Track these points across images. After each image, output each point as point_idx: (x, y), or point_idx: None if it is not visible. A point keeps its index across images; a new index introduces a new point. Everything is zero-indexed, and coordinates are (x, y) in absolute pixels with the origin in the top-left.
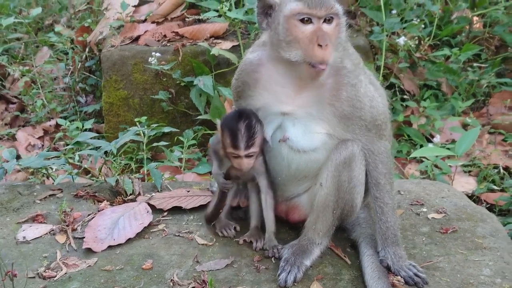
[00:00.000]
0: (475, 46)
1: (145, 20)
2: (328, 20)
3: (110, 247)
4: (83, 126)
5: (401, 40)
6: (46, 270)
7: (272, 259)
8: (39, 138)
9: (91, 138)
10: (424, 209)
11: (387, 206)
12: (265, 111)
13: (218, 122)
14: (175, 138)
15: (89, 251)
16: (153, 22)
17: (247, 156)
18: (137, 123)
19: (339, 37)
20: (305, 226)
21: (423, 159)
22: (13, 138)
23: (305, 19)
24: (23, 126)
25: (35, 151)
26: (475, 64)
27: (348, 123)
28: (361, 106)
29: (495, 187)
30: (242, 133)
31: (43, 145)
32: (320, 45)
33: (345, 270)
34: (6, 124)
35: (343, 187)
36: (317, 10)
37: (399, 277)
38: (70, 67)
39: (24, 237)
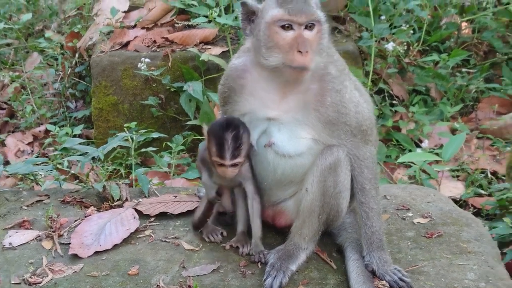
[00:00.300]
0: (464, 52)
1: (135, 26)
2: (309, 26)
3: (96, 253)
4: (72, 132)
5: (390, 46)
6: (32, 276)
7: (258, 264)
8: (29, 144)
9: (78, 144)
10: (410, 214)
11: (372, 211)
12: (251, 116)
13: (205, 128)
14: (164, 143)
15: (75, 257)
16: (143, 28)
17: (232, 165)
18: (127, 129)
19: (321, 43)
20: (291, 231)
21: (411, 164)
22: (2, 144)
23: (286, 25)
24: (13, 131)
25: (24, 157)
26: (463, 70)
27: (333, 128)
28: (346, 112)
29: (482, 192)
30: (229, 143)
31: (32, 151)
32: (300, 52)
33: (331, 275)
34: None
35: (328, 192)
36: (298, 17)
37: (384, 281)
38: (60, 72)
39: (10, 243)
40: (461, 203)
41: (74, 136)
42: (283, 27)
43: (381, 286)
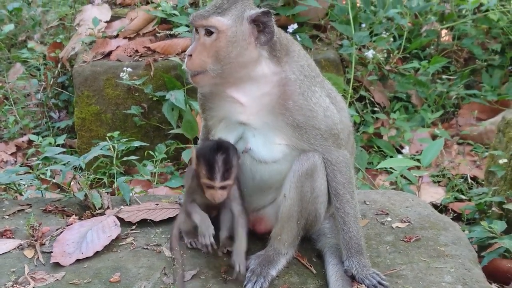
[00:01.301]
0: (444, 59)
1: (117, 36)
2: (208, 32)
3: (78, 260)
4: (55, 142)
5: (370, 53)
6: (14, 285)
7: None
8: (12, 154)
9: (60, 153)
10: (389, 219)
11: (348, 216)
12: (226, 121)
13: (194, 151)
14: (146, 152)
15: (57, 265)
16: (125, 38)
17: (221, 187)
18: (109, 138)
19: (224, 51)
20: (271, 236)
21: (393, 170)
22: None
23: (195, 30)
24: None
25: (7, 167)
26: (444, 76)
27: (302, 132)
28: (313, 115)
29: (463, 197)
30: (219, 165)
31: (15, 161)
32: (189, 55)
33: (311, 279)
34: None
35: (306, 197)
36: (193, 21)
37: (363, 285)
38: (43, 83)
39: None
40: (441, 208)
41: (58, 146)
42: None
43: None
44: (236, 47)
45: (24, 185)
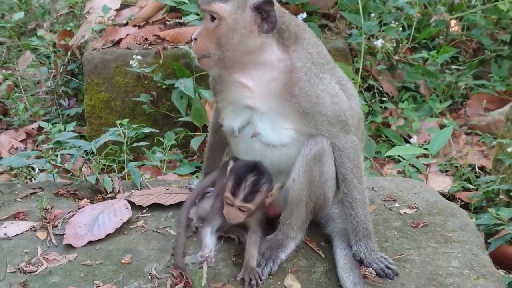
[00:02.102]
0: (453, 49)
1: (126, 24)
2: (212, 18)
3: (90, 242)
4: (65, 129)
5: (379, 43)
6: (27, 265)
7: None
8: (22, 141)
9: (71, 138)
10: (397, 205)
11: (356, 201)
12: (234, 104)
13: (230, 164)
14: (156, 139)
15: (69, 247)
16: (134, 26)
17: (240, 208)
18: (119, 125)
19: (224, 37)
20: (280, 221)
21: (401, 159)
22: None
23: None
24: (6, 129)
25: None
26: (452, 67)
27: (309, 118)
28: (320, 102)
29: (470, 186)
30: (246, 184)
31: (26, 148)
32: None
33: (319, 263)
34: None
35: (314, 181)
36: (200, 5)
37: (371, 269)
38: (53, 70)
39: (5, 234)
40: (448, 197)
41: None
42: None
43: (367, 273)
44: (237, 34)
45: (35, 169)
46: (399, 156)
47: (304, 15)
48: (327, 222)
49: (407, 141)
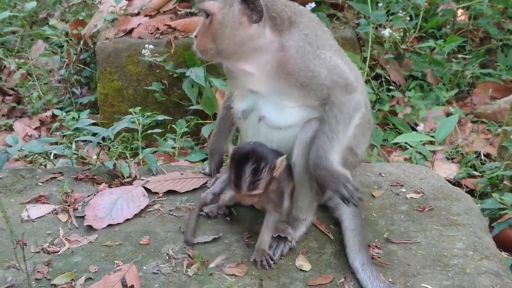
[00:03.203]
0: (460, 38)
1: (138, 14)
2: (206, 15)
3: (109, 225)
4: (79, 117)
5: (387, 32)
6: (50, 246)
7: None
8: (36, 128)
9: (88, 125)
10: (403, 190)
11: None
12: (241, 89)
13: (230, 150)
14: (169, 126)
15: (90, 229)
16: (146, 16)
17: (249, 195)
18: (132, 113)
19: (217, 32)
20: None
21: (407, 147)
22: (10, 128)
23: None
24: (20, 117)
25: (32, 141)
26: (459, 56)
27: (308, 89)
28: (315, 75)
29: (475, 173)
30: (246, 176)
31: (39, 135)
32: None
33: (328, 244)
34: (3, 115)
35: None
36: (196, 4)
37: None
38: (65, 59)
39: (28, 216)
40: (454, 183)
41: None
42: None
43: (375, 254)
44: (227, 28)
45: (50, 155)
46: (406, 143)
47: (313, 5)
48: (336, 206)
49: (414, 129)
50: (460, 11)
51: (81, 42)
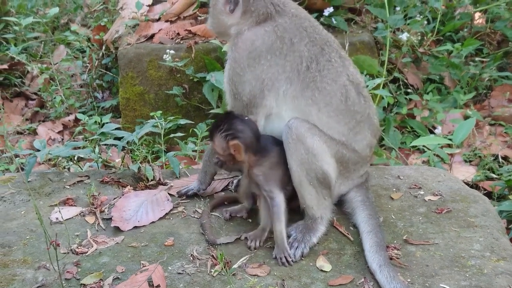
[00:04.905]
0: (477, 41)
1: (159, 19)
2: None
3: (135, 227)
4: (101, 121)
5: (404, 36)
6: (79, 247)
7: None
8: (59, 132)
9: (114, 129)
10: (421, 192)
11: None
12: None
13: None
14: (190, 130)
15: (116, 230)
16: (166, 21)
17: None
18: (155, 117)
19: (211, 15)
20: (301, 207)
21: (425, 150)
22: (34, 132)
23: None
24: (43, 121)
25: (55, 145)
26: (477, 59)
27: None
28: (225, 75)
29: (493, 175)
30: (217, 125)
31: (62, 139)
32: None
33: (348, 246)
34: (26, 120)
35: (304, 160)
36: None
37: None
38: (87, 64)
39: (57, 218)
40: (472, 185)
41: (103, 125)
42: None
43: (394, 254)
44: (215, 12)
45: (73, 159)
46: (423, 146)
47: (331, 9)
48: (353, 211)
49: (431, 132)
50: (477, 14)
51: (103, 47)
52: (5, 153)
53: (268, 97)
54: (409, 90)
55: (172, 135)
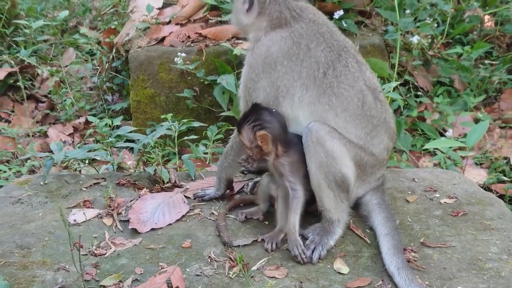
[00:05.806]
0: (487, 44)
1: (169, 22)
2: None
3: (152, 229)
4: (112, 123)
5: (415, 39)
6: (97, 249)
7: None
8: (69, 135)
9: (129, 132)
10: (437, 195)
11: None
12: None
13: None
14: (203, 132)
15: (134, 232)
16: (177, 24)
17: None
18: (167, 119)
19: (233, 12)
20: (318, 210)
21: (436, 152)
22: (44, 135)
23: None
24: (53, 123)
25: (66, 147)
26: (486, 61)
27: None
28: (241, 82)
29: (505, 178)
30: (242, 118)
31: (73, 141)
32: None
33: (365, 248)
34: (37, 122)
35: (323, 162)
36: None
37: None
38: (97, 67)
39: (75, 220)
40: (484, 188)
41: (114, 127)
42: None
43: (411, 257)
44: (235, 11)
45: (84, 161)
46: (435, 149)
47: (341, 12)
48: (369, 214)
49: (442, 135)
50: (486, 17)
51: (113, 50)
52: (17, 156)
53: (282, 104)
54: (419, 93)
55: (185, 138)
